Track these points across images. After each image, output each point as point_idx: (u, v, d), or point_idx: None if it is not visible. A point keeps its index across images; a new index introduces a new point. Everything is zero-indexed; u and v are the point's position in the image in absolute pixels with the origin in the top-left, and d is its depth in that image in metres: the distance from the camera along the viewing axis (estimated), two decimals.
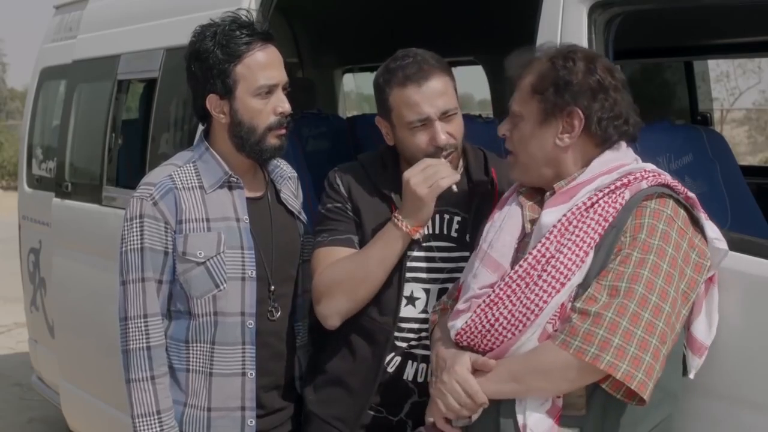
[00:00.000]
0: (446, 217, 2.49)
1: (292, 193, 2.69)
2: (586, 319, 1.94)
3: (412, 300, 2.45)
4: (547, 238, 2.08)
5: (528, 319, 2.05)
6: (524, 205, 2.19)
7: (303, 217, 2.68)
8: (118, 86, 4.43)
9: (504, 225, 2.18)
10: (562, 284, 2.02)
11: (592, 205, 2.07)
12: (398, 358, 2.47)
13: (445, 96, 2.40)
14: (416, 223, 2.38)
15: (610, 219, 2.04)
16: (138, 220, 2.43)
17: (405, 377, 2.48)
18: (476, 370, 2.11)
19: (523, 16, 2.76)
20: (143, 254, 2.42)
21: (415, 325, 2.46)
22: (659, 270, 1.95)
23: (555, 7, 2.51)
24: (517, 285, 2.08)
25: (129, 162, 4.41)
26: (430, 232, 2.48)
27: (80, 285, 4.58)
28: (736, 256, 2.14)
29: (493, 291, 2.11)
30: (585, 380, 1.98)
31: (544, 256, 2.06)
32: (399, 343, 2.46)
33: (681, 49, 4.95)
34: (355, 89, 7.70)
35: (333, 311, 2.44)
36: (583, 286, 2.02)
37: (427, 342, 2.43)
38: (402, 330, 2.46)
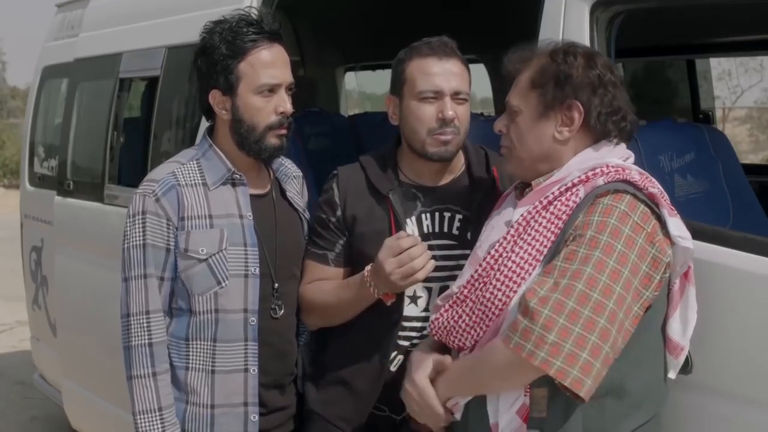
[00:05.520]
0: (447, 215, 2.50)
1: (297, 191, 2.69)
2: (526, 314, 1.90)
3: (414, 299, 2.46)
4: (505, 238, 2.09)
5: (488, 318, 2.05)
6: (516, 203, 2.18)
7: (308, 215, 2.69)
8: (119, 85, 4.43)
9: (496, 223, 2.19)
10: (517, 283, 2.01)
11: (550, 203, 2.05)
12: (401, 357, 2.47)
13: (460, 78, 2.45)
14: (388, 291, 2.38)
15: (564, 218, 2.02)
16: (140, 217, 2.43)
17: None
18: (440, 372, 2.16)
19: (525, 14, 2.76)
20: (145, 251, 2.43)
21: (417, 324, 2.46)
22: (604, 266, 1.91)
23: (557, 5, 2.51)
24: (478, 284, 2.10)
25: (131, 160, 4.42)
26: (431, 230, 2.49)
27: (82, 283, 4.58)
28: (738, 254, 2.14)
29: (461, 290, 2.14)
30: (527, 376, 1.95)
31: (501, 255, 2.07)
32: (401, 342, 2.46)
33: (683, 48, 4.95)
34: (357, 88, 7.70)
35: (310, 324, 2.63)
36: None
37: None
38: (404, 329, 2.46)
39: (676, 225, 2.02)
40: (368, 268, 2.39)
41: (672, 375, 2.11)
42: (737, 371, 2.15)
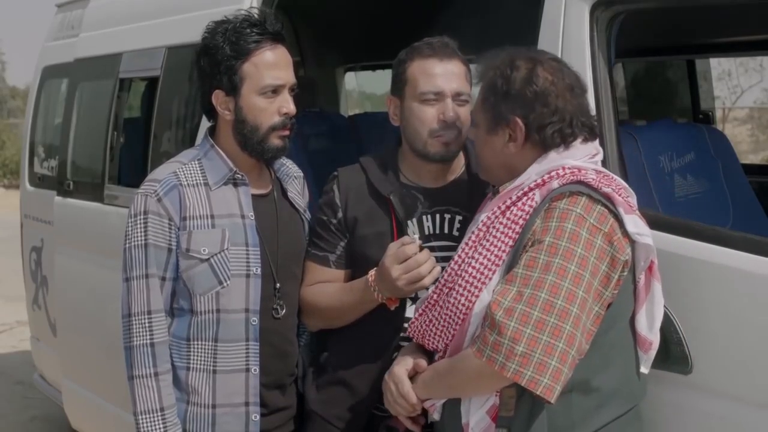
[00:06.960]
0: (447, 216, 2.50)
1: (298, 192, 2.70)
2: (493, 327, 1.94)
3: (415, 300, 2.46)
4: (467, 243, 2.13)
5: (455, 323, 2.10)
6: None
7: (308, 215, 2.69)
8: (119, 85, 4.44)
9: (471, 226, 2.22)
10: (478, 288, 2.05)
11: (508, 208, 2.08)
12: None
13: (461, 79, 2.45)
14: (392, 296, 2.40)
15: (521, 222, 2.04)
16: (142, 217, 2.44)
17: None
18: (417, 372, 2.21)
19: (525, 14, 2.76)
20: (147, 251, 2.43)
21: None
22: (566, 272, 1.93)
23: (557, 5, 2.51)
24: (444, 289, 2.14)
25: (131, 160, 4.42)
26: (432, 232, 2.49)
27: (82, 283, 4.58)
28: (738, 254, 2.14)
29: (432, 293, 2.19)
30: (501, 385, 2.01)
31: (464, 261, 2.10)
32: (402, 343, 2.46)
33: (683, 48, 4.94)
34: (357, 88, 7.70)
35: (311, 326, 2.65)
36: None
37: None
38: (404, 330, 2.46)
39: (634, 222, 2.04)
40: (372, 272, 2.39)
41: (644, 370, 2.13)
42: (737, 372, 2.14)
